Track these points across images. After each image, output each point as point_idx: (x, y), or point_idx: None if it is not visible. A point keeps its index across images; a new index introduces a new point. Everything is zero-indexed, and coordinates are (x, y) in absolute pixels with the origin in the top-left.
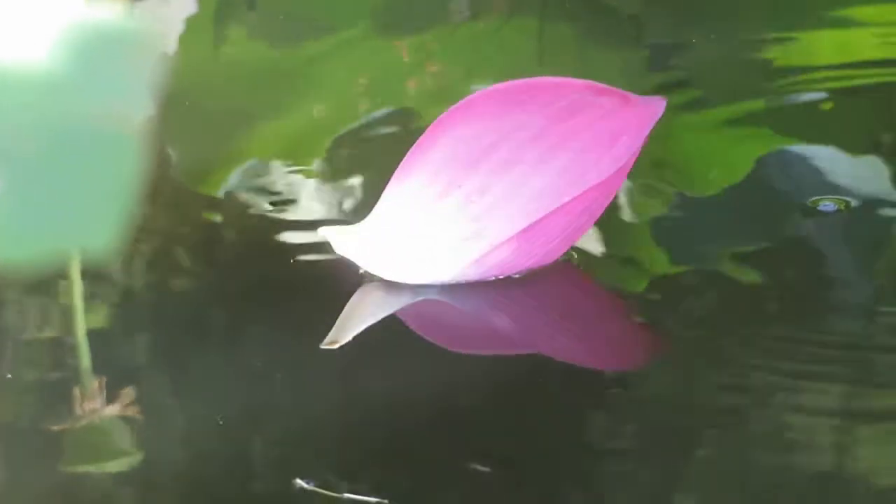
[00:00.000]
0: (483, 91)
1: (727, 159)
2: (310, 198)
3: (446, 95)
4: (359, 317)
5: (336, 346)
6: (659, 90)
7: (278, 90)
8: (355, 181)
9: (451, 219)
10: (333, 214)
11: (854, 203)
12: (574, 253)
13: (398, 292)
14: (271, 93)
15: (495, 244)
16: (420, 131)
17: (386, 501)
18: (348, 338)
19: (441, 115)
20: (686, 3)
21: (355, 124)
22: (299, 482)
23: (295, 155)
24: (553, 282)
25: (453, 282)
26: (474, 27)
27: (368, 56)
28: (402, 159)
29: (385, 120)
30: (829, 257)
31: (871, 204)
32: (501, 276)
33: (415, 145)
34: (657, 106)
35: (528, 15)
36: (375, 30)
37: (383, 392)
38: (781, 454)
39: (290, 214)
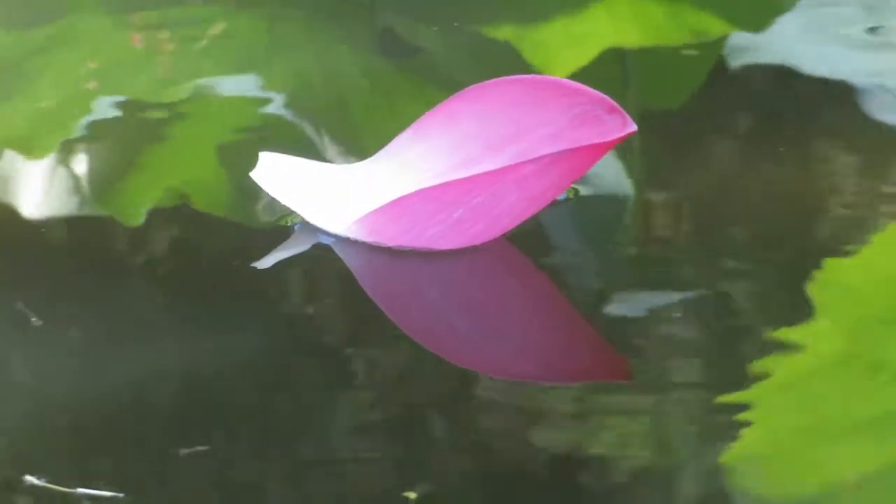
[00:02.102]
0: (513, 77)
1: None
2: (43, 187)
3: (177, 81)
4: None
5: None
6: (393, 76)
7: (8, 77)
8: (86, 169)
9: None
10: (70, 204)
11: (583, 191)
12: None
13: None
14: (2, 80)
15: (374, 208)
16: (150, 121)
17: (122, 495)
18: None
19: (469, 88)
20: None
21: (85, 116)
22: (29, 478)
23: (25, 144)
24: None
25: (345, 236)
26: (205, 11)
27: (99, 41)
28: (136, 148)
29: (115, 108)
30: (558, 244)
31: (600, 193)
32: (390, 245)
33: (439, 107)
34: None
35: (258, 0)
36: (107, 14)
37: (119, 380)
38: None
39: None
